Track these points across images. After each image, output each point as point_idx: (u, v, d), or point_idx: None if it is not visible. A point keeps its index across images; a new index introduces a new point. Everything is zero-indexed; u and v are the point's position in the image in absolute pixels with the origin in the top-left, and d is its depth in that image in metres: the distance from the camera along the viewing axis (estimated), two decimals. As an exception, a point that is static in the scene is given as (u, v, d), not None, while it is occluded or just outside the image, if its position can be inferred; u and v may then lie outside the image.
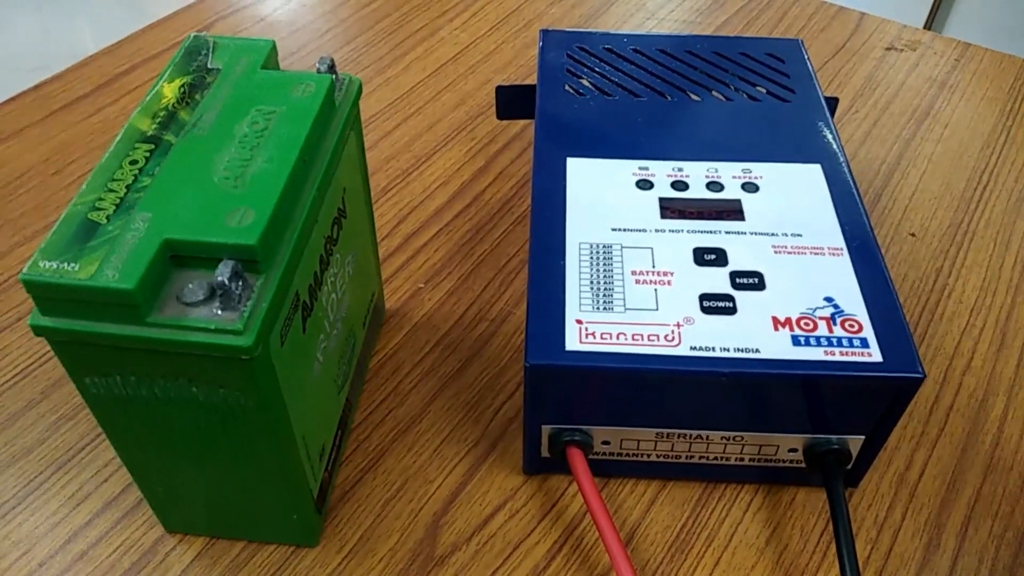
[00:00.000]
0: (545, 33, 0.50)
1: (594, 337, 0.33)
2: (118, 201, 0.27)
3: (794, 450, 0.36)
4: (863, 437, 0.35)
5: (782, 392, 0.33)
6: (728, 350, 0.33)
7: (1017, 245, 0.49)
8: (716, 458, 0.37)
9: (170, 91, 0.32)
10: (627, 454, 0.37)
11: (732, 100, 0.45)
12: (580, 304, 0.35)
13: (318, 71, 0.33)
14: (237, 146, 0.29)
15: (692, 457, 0.37)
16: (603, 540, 0.33)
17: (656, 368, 0.33)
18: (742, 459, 0.36)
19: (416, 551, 0.36)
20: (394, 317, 0.45)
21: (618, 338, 0.33)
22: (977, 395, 0.42)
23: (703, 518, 0.37)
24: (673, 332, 0.34)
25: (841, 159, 0.41)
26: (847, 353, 0.33)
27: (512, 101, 0.52)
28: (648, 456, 0.37)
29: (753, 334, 0.33)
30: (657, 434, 0.36)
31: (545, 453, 0.37)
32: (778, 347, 0.33)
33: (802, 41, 0.48)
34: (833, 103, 0.50)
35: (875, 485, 0.38)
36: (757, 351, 0.33)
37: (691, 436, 0.35)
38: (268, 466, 0.31)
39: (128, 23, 0.68)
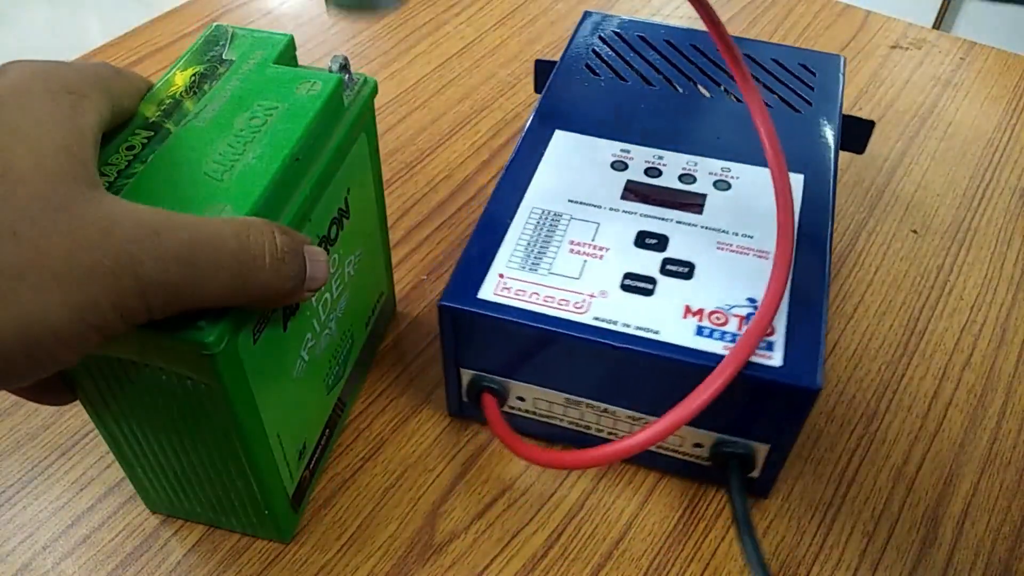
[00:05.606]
0: (587, 14, 0.51)
1: (508, 292, 0.34)
2: (107, 186, 0.27)
3: (699, 446, 0.36)
4: (768, 446, 0.34)
5: (676, 379, 0.33)
6: (629, 327, 0.33)
7: (1019, 243, 0.49)
8: (624, 436, 0.36)
9: (181, 79, 0.32)
10: (540, 414, 0.38)
11: (741, 101, 0.44)
12: (509, 261, 0.36)
13: (330, 70, 0.33)
14: (232, 140, 0.29)
15: (601, 431, 0.37)
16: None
17: (551, 330, 0.33)
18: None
19: (415, 539, 0.36)
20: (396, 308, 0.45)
21: (531, 297, 0.34)
22: (976, 391, 0.42)
23: (700, 508, 0.37)
24: (584, 301, 0.34)
25: (830, 174, 0.40)
26: None
27: (548, 76, 0.52)
28: (560, 421, 0.38)
29: (660, 317, 0.34)
30: (566, 399, 0.36)
31: (464, 398, 0.38)
32: (679, 333, 0.33)
33: (844, 59, 0.47)
34: (868, 126, 0.49)
35: (872, 478, 0.38)
36: (656, 333, 0.33)
37: (599, 408, 0.36)
38: (237, 460, 0.31)
39: (135, 19, 0.68)
